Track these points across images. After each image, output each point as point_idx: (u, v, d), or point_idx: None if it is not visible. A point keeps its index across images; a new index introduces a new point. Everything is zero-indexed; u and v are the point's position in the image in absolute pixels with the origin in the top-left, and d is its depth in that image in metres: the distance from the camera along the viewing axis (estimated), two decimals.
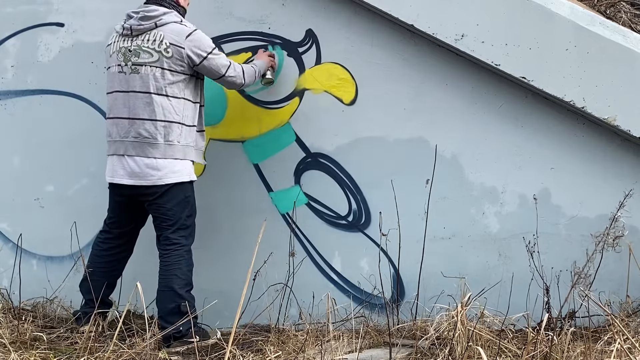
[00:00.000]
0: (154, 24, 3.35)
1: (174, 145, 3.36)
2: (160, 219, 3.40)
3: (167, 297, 3.30)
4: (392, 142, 3.73)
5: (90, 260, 3.51)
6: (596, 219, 3.51)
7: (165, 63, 3.33)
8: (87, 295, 3.46)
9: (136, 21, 3.36)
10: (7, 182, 4.11)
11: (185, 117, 3.39)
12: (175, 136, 3.36)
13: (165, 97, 3.34)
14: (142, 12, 3.36)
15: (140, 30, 3.35)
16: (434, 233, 3.63)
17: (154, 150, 3.33)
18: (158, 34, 3.34)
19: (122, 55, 3.37)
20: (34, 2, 4.13)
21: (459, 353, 2.79)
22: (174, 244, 3.38)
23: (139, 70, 3.33)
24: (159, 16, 3.36)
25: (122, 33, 3.39)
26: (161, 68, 3.33)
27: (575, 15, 3.42)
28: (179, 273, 3.34)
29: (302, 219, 3.80)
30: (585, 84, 3.39)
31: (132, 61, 3.34)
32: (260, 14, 3.86)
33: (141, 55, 3.33)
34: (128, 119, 3.35)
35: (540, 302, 3.31)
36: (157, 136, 3.33)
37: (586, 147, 3.57)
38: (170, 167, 3.36)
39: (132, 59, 3.34)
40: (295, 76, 3.83)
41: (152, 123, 3.33)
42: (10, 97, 4.15)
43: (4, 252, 4.04)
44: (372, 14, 3.71)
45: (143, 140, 3.33)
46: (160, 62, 3.33)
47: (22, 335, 3.26)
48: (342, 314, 3.61)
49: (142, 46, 3.34)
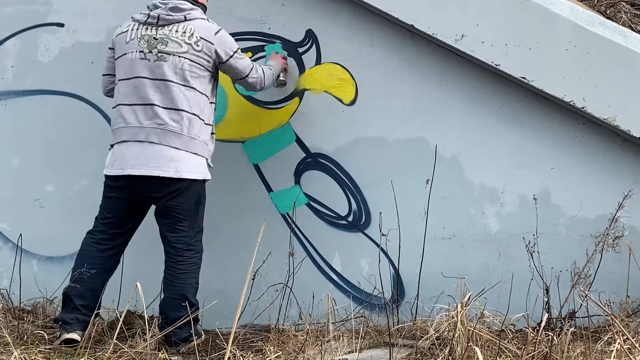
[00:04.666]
0: (183, 17, 3.32)
1: (194, 139, 3.29)
2: (176, 219, 3.29)
3: (179, 304, 3.20)
4: (392, 142, 3.73)
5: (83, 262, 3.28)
6: (596, 219, 3.52)
7: (194, 56, 3.29)
8: (78, 300, 3.25)
9: (165, 11, 3.31)
10: (7, 182, 4.11)
11: (204, 114, 3.33)
12: (197, 130, 3.29)
13: (191, 89, 3.29)
14: (173, 3, 3.32)
15: (169, 21, 3.31)
16: (434, 233, 3.63)
17: (177, 141, 3.24)
18: (188, 27, 3.31)
19: (145, 42, 3.29)
20: (34, 2, 4.13)
21: (459, 353, 2.79)
22: (191, 250, 3.31)
23: (167, 59, 3.27)
24: (189, 10, 3.34)
25: (146, 21, 3.32)
26: (190, 60, 3.28)
27: (575, 16, 3.42)
28: (193, 282, 3.29)
29: (302, 219, 3.79)
30: (585, 84, 3.39)
31: (158, 49, 3.27)
32: (260, 14, 3.86)
33: (169, 44, 3.28)
34: (151, 105, 3.25)
35: (540, 302, 3.31)
36: (181, 126, 3.25)
37: (586, 148, 3.57)
38: (189, 161, 3.27)
39: (158, 47, 3.28)
40: (295, 76, 3.83)
41: (177, 112, 3.25)
42: (10, 97, 4.15)
43: (4, 252, 4.04)
44: (372, 14, 3.71)
45: (166, 128, 3.23)
46: (189, 54, 3.29)
47: (22, 335, 3.26)
48: (342, 314, 3.61)
49: (170, 36, 3.29)
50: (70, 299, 3.26)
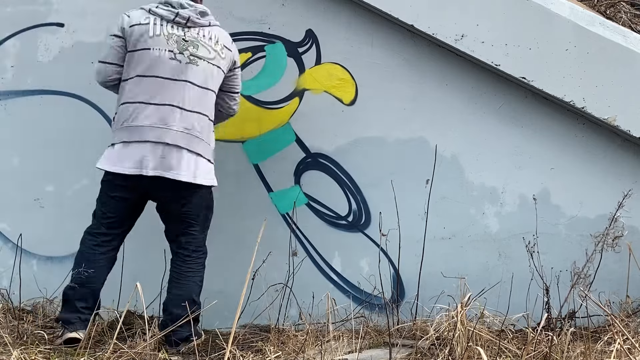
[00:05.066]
0: (208, 22, 3.33)
1: (208, 146, 3.31)
2: (189, 224, 3.28)
3: (184, 304, 3.17)
4: (392, 142, 3.73)
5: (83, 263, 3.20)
6: (596, 219, 3.52)
7: (221, 63, 3.32)
8: (79, 302, 3.19)
9: (195, 14, 3.29)
10: (7, 182, 4.11)
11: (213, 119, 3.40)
12: (210, 136, 3.33)
13: (213, 93, 3.32)
14: (199, 8, 3.31)
15: (197, 24, 3.29)
16: (434, 233, 3.63)
17: (200, 146, 3.24)
18: (213, 33, 3.32)
19: (174, 42, 3.23)
20: (34, 2, 4.13)
21: (458, 353, 2.79)
22: (199, 251, 3.32)
23: (198, 63, 3.24)
24: (211, 16, 3.37)
25: (174, 20, 3.25)
26: (217, 67, 3.31)
27: (575, 16, 3.42)
28: (199, 282, 3.29)
29: (302, 219, 3.79)
30: (585, 84, 3.39)
31: (190, 51, 3.24)
32: (260, 14, 3.86)
33: (200, 48, 3.26)
34: (180, 108, 3.20)
35: (540, 302, 3.31)
36: (203, 132, 3.25)
37: (586, 148, 3.58)
38: (204, 167, 3.27)
39: (189, 49, 3.24)
40: (295, 76, 3.83)
41: (202, 117, 3.26)
42: (10, 97, 4.15)
43: (4, 252, 4.03)
44: (372, 14, 3.71)
45: (192, 133, 3.21)
46: (217, 60, 3.30)
47: (22, 335, 3.26)
48: (342, 314, 3.61)
49: (199, 40, 3.27)
50: (71, 300, 3.21)
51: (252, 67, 3.85)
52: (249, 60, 3.85)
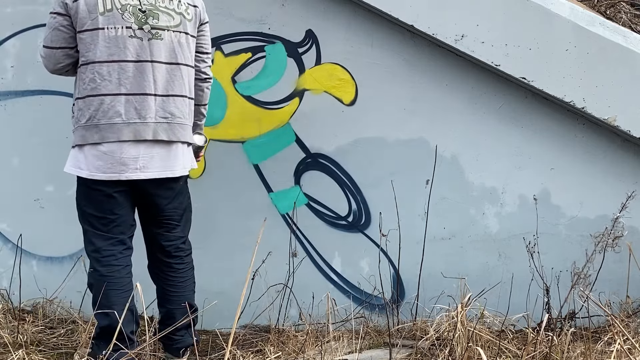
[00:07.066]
0: None
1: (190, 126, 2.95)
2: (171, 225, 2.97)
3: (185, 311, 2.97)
4: (392, 143, 3.73)
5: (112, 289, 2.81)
6: (596, 220, 3.52)
7: (189, 27, 2.87)
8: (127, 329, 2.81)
9: None
10: (7, 182, 4.11)
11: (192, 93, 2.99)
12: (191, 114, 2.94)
13: (188, 67, 2.88)
14: None
15: None
16: (434, 233, 3.63)
17: (185, 133, 2.88)
18: None
19: (130, 14, 2.74)
20: (34, 2, 4.13)
21: (459, 353, 2.79)
22: (188, 254, 3.08)
23: (162, 36, 2.79)
24: None
25: None
26: (185, 33, 2.85)
27: (575, 16, 3.42)
28: (193, 286, 3.11)
29: (302, 219, 3.79)
30: (585, 84, 3.39)
31: (149, 24, 2.77)
32: (260, 15, 3.86)
33: (160, 17, 2.79)
34: (154, 95, 2.78)
35: (540, 302, 3.31)
36: (186, 115, 2.87)
37: (586, 148, 3.58)
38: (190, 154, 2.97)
39: (149, 22, 2.77)
40: (295, 76, 3.83)
41: (182, 100, 2.85)
42: (10, 97, 4.15)
43: (4, 252, 4.03)
44: (372, 14, 3.71)
45: (173, 121, 2.82)
46: (183, 25, 2.85)
47: (22, 336, 3.26)
48: (342, 314, 3.61)
49: (157, 6, 2.80)
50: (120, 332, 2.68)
51: (252, 68, 3.85)
52: (249, 61, 3.84)
